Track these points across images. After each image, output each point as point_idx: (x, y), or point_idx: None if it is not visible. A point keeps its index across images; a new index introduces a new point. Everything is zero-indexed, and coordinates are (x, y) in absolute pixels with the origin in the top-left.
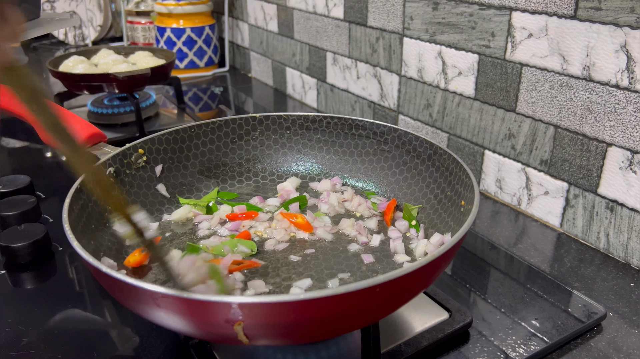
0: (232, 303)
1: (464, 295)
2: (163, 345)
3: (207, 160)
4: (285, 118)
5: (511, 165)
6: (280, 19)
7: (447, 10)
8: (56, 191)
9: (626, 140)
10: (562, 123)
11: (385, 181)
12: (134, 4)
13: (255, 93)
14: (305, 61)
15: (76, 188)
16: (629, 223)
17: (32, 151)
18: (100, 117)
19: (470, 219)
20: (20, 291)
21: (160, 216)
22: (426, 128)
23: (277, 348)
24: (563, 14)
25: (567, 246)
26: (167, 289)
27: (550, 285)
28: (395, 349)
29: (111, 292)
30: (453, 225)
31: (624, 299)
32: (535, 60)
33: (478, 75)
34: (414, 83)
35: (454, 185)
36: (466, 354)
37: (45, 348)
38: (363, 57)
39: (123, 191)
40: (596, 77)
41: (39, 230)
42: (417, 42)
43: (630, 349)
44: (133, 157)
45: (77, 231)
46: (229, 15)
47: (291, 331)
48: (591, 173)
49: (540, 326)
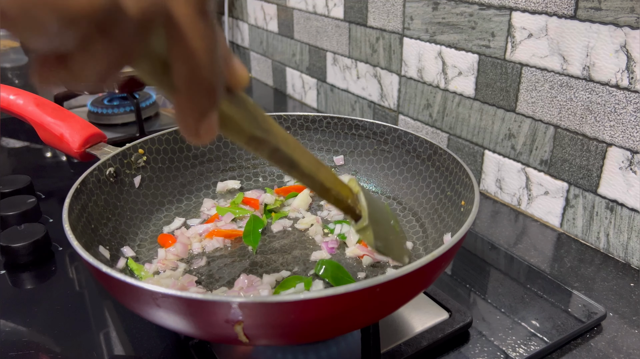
0: (232, 303)
1: (464, 295)
2: (163, 345)
3: (207, 160)
4: (285, 118)
5: (511, 165)
6: (280, 19)
7: (447, 10)
8: (56, 191)
9: (626, 140)
10: (562, 123)
11: (385, 181)
12: None
13: (255, 93)
14: (305, 61)
15: (76, 188)
16: (629, 223)
17: (32, 151)
18: (100, 117)
19: (470, 219)
20: (20, 291)
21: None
22: (426, 128)
23: (277, 348)
24: (563, 14)
25: (567, 246)
26: (167, 289)
27: (550, 285)
28: (395, 349)
29: (111, 292)
30: (453, 225)
31: (624, 299)
32: (535, 60)
33: (478, 75)
34: (414, 83)
35: (454, 185)
36: (466, 354)
37: (45, 348)
38: (363, 57)
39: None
40: (596, 77)
41: (39, 230)
42: (417, 42)
43: (630, 349)
44: (133, 157)
45: (77, 231)
46: (228, 15)
47: (291, 331)
48: (591, 173)
49: (540, 326)
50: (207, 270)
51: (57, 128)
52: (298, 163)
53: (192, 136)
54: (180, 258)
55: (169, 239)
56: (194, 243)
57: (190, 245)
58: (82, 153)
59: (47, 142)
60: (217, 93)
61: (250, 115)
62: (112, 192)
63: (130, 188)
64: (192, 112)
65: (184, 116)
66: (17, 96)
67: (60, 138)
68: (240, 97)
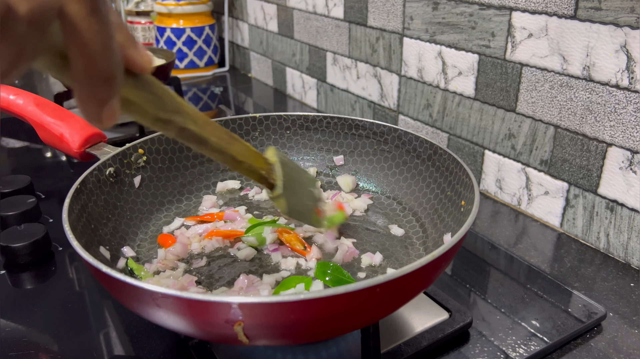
0: (232, 303)
1: (464, 295)
2: (163, 345)
3: (207, 160)
4: (285, 118)
5: (511, 165)
6: (280, 19)
7: (447, 10)
8: (56, 191)
9: (626, 140)
10: (562, 123)
11: (385, 181)
12: (134, 4)
13: (255, 93)
14: (305, 61)
15: (76, 188)
16: (629, 223)
17: (32, 151)
18: None
19: (470, 219)
20: (20, 291)
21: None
22: (426, 128)
23: (277, 348)
24: (563, 14)
25: (567, 246)
26: (167, 289)
27: (550, 285)
28: (395, 349)
29: (111, 292)
30: (453, 225)
31: (624, 299)
32: (535, 60)
33: (478, 75)
34: (414, 83)
35: (454, 185)
36: (466, 354)
37: (45, 348)
38: (363, 57)
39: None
40: (596, 77)
41: (39, 230)
42: (417, 42)
43: (630, 349)
44: (133, 157)
45: (77, 231)
46: (228, 15)
47: (291, 331)
48: (591, 173)
49: (540, 326)
50: (207, 270)
51: (57, 128)
52: (207, 140)
53: (95, 122)
54: (180, 258)
55: (168, 239)
56: (193, 243)
57: (190, 245)
58: (82, 153)
59: (47, 142)
60: (115, 82)
61: (156, 98)
62: (112, 192)
63: (130, 188)
64: (92, 100)
65: (85, 104)
66: (17, 96)
67: (60, 138)
68: (145, 81)
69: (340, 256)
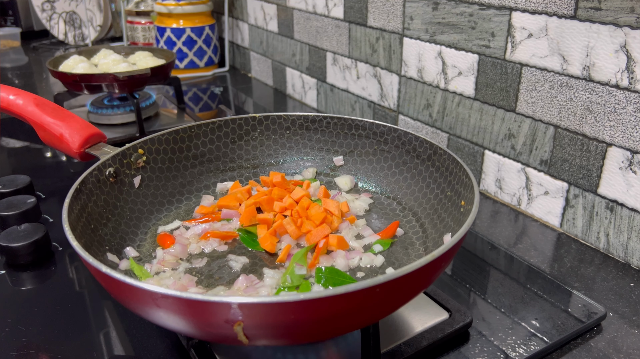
0: (232, 303)
1: (464, 295)
2: (163, 345)
3: (207, 160)
4: (285, 118)
5: (511, 165)
6: (280, 19)
7: (447, 10)
8: (56, 191)
9: (626, 140)
10: (562, 123)
11: (385, 181)
12: (134, 4)
13: (255, 93)
14: (305, 61)
15: (76, 188)
16: (629, 223)
17: (32, 151)
18: (100, 117)
19: (470, 219)
20: (20, 291)
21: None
22: (426, 128)
23: (277, 348)
24: (563, 14)
25: (567, 246)
26: (167, 289)
27: (550, 285)
28: (395, 349)
29: (111, 292)
30: (453, 225)
31: (624, 299)
32: (535, 60)
33: (478, 75)
34: (414, 83)
35: (454, 185)
36: (466, 354)
37: (45, 348)
38: (363, 57)
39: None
40: (596, 77)
41: (39, 230)
42: (417, 42)
43: (630, 349)
44: (133, 157)
45: (77, 231)
46: (229, 15)
47: (291, 331)
48: (591, 173)
49: (540, 326)
50: (207, 270)
51: (56, 128)
52: None
53: None
54: (180, 258)
55: (168, 239)
56: (192, 243)
57: (189, 245)
58: (81, 154)
59: (47, 142)
60: None
61: None
62: (112, 192)
63: (130, 188)
64: None
65: None
66: (17, 96)
67: (60, 138)
68: None
69: (343, 259)
